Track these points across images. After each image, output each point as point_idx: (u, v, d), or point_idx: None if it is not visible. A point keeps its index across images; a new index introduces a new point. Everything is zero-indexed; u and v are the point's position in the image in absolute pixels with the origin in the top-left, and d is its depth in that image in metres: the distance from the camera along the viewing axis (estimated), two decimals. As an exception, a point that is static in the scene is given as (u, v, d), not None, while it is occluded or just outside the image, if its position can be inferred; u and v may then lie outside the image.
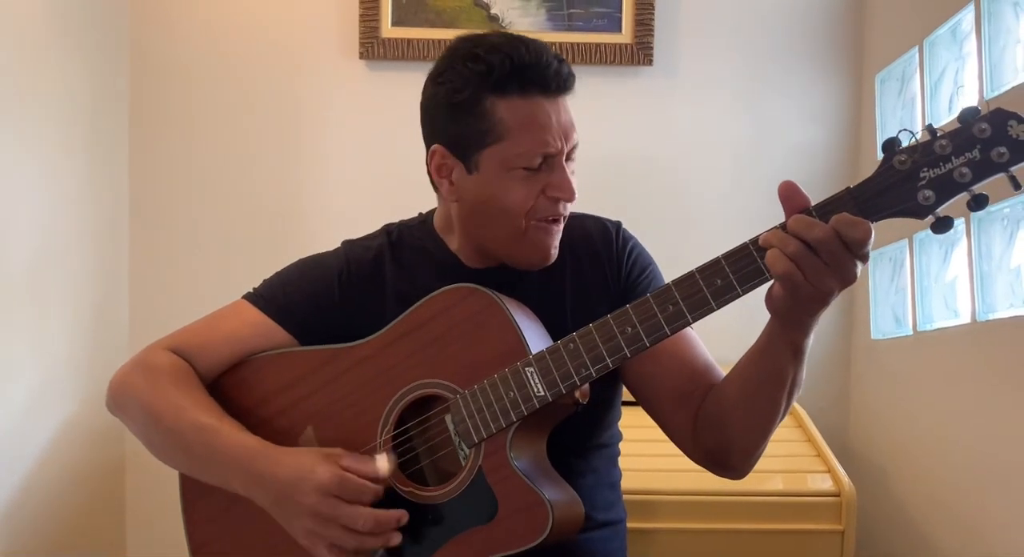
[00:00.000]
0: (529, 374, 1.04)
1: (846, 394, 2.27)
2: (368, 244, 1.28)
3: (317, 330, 1.22)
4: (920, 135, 0.95)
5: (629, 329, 1.01)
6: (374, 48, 2.22)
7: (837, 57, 2.27)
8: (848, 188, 0.95)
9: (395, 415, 1.11)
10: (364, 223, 2.25)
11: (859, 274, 0.93)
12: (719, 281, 0.97)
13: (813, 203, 0.97)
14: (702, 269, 0.98)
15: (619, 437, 1.32)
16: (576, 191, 1.16)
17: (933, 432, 1.87)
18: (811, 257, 0.91)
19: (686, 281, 0.99)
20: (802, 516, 1.66)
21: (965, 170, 0.90)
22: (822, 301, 0.94)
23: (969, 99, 1.77)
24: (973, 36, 1.72)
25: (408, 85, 2.17)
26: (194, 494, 1.23)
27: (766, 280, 0.96)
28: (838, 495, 1.66)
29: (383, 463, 1.06)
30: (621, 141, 2.29)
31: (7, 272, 1.82)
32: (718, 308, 0.98)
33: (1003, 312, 1.65)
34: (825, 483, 1.69)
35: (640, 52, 2.21)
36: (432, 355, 1.11)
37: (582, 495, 1.12)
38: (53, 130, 1.98)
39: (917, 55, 1.95)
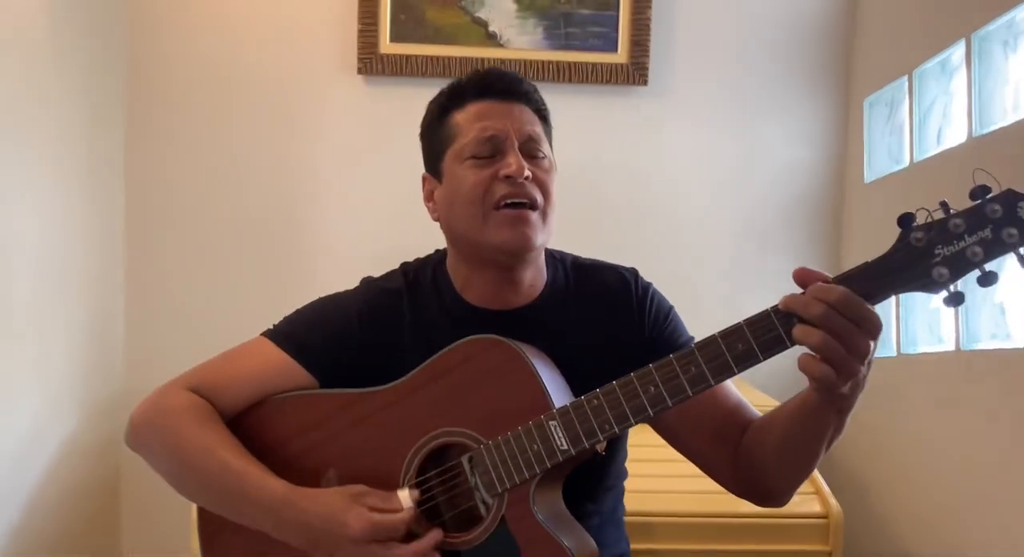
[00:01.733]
0: (553, 428, 1.06)
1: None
2: (386, 286, 1.29)
3: (337, 371, 1.24)
4: (935, 212, 0.99)
5: (652, 389, 1.03)
6: (372, 64, 2.23)
7: (827, 80, 2.33)
8: (867, 263, 0.97)
9: (417, 462, 1.14)
10: (361, 237, 2.29)
11: (872, 348, 0.95)
12: (740, 346, 0.99)
13: (832, 277, 0.98)
14: (724, 334, 1.00)
15: (625, 475, 1.36)
16: (532, 176, 1.17)
17: (916, 452, 1.94)
18: (838, 318, 0.93)
19: (709, 345, 1.01)
20: (791, 537, 1.71)
21: (977, 249, 0.93)
22: (860, 362, 0.95)
23: (958, 134, 1.82)
24: (963, 72, 1.78)
25: (406, 100, 2.20)
26: (214, 530, 1.23)
27: (787, 347, 0.99)
28: (826, 517, 1.71)
29: (406, 496, 1.09)
30: (615, 158, 2.34)
31: (11, 297, 1.83)
32: (739, 372, 1.01)
33: (986, 343, 1.72)
34: (813, 505, 1.74)
35: (635, 72, 2.25)
36: (455, 404, 1.13)
37: (591, 535, 1.16)
38: (51, 154, 1.98)
39: (906, 83, 2.00)
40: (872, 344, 0.96)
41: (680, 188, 2.34)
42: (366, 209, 2.30)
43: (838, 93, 2.33)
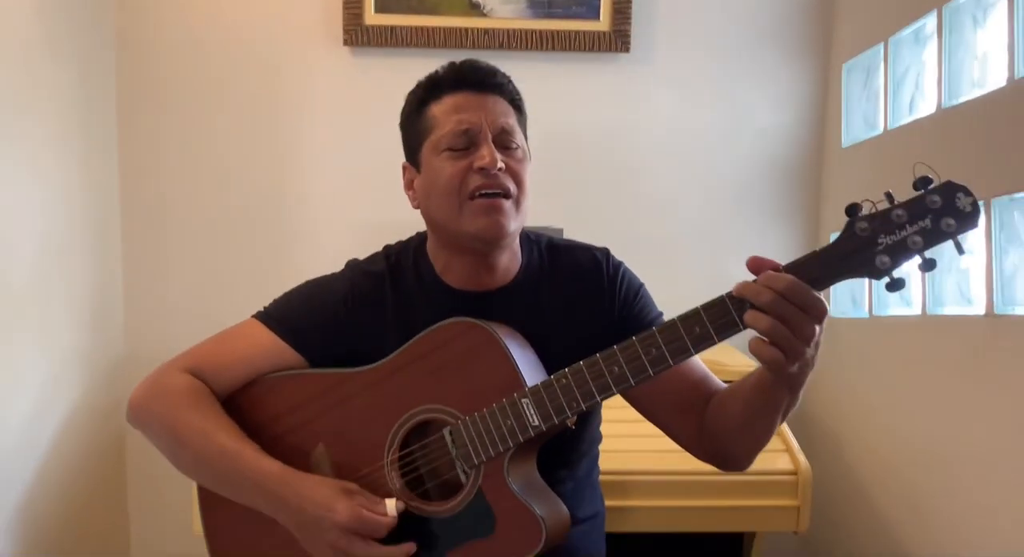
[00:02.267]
0: (525, 405, 1.14)
1: (807, 366, 2.41)
2: (369, 269, 1.35)
3: (325, 351, 1.31)
4: (879, 202, 1.04)
5: (616, 369, 1.10)
6: (358, 35, 2.24)
7: (806, 46, 2.34)
8: (815, 251, 1.04)
9: (400, 436, 1.22)
10: (349, 208, 2.33)
11: (816, 332, 1.02)
12: (698, 329, 1.06)
13: (783, 264, 1.04)
14: (683, 318, 1.07)
15: (599, 440, 1.44)
16: (506, 167, 1.22)
17: (884, 410, 2.01)
18: (786, 304, 0.99)
19: (669, 328, 1.08)
20: (762, 493, 1.77)
21: (917, 238, 1.00)
22: (806, 345, 1.01)
23: (928, 105, 1.86)
24: (935, 42, 1.81)
25: (392, 72, 2.24)
26: (212, 503, 1.31)
27: (740, 330, 1.05)
28: (795, 474, 1.77)
29: (392, 505, 1.16)
30: (598, 125, 2.36)
31: (12, 275, 1.87)
32: (696, 353, 1.08)
33: (950, 308, 1.79)
34: (783, 462, 1.80)
35: (617, 39, 2.27)
36: (435, 383, 1.21)
37: (566, 499, 1.24)
38: (48, 133, 2.00)
39: (883, 50, 2.03)
40: (818, 328, 1.03)
41: (662, 153, 2.36)
42: (353, 179, 2.33)
43: (818, 59, 2.34)
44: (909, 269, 1.04)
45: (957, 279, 1.77)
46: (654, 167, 2.37)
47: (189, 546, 2.25)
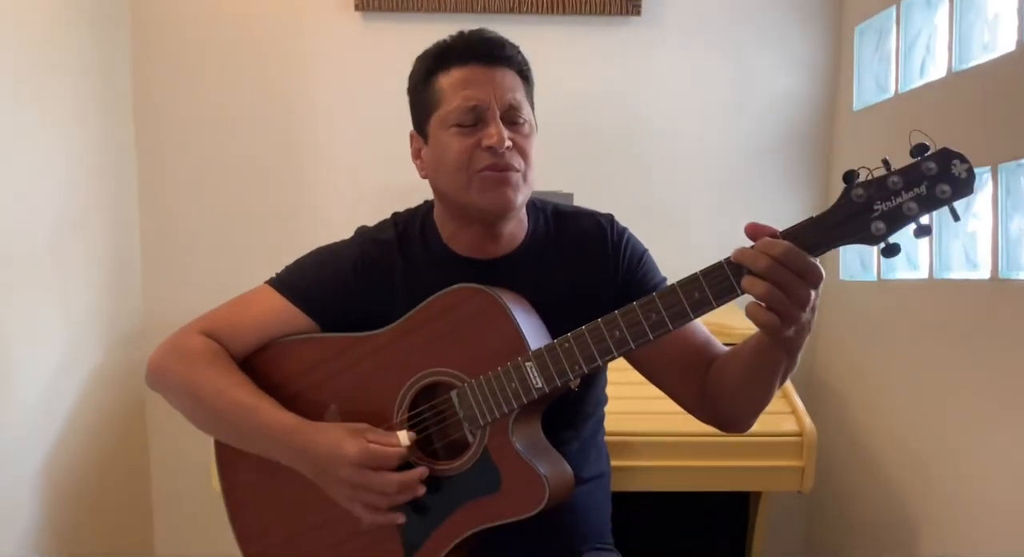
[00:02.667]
0: (528, 368, 1.17)
1: (815, 330, 2.42)
2: (378, 236, 1.38)
3: (335, 316, 1.34)
4: (876, 169, 1.05)
5: (617, 333, 1.13)
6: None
7: (819, 9, 2.32)
8: (811, 217, 1.05)
9: (409, 398, 1.26)
10: (359, 174, 2.36)
11: (812, 297, 1.04)
12: (697, 294, 1.09)
13: (780, 231, 1.06)
14: (683, 283, 1.10)
15: (604, 402, 1.47)
16: (512, 144, 1.24)
17: (890, 373, 2.04)
18: (782, 270, 1.02)
19: (669, 294, 1.10)
20: (767, 454, 1.79)
21: (912, 205, 1.01)
22: (802, 309, 1.04)
23: (939, 69, 1.86)
24: (946, 6, 1.80)
25: (403, 36, 2.25)
26: (230, 459, 1.37)
27: (738, 295, 1.07)
28: (800, 435, 1.79)
29: (404, 436, 1.20)
30: (610, 89, 2.36)
31: (33, 240, 1.91)
32: (695, 317, 1.10)
33: (956, 273, 1.80)
34: (789, 425, 1.82)
35: (628, 2, 2.26)
36: (442, 347, 1.24)
37: (571, 459, 1.28)
38: (66, 105, 2.04)
39: (895, 13, 2.02)
40: (813, 293, 1.05)
41: (674, 116, 2.36)
42: (365, 144, 2.34)
43: (831, 21, 2.33)
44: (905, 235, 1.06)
45: (964, 243, 1.78)
46: (665, 131, 2.37)
47: (209, 502, 2.33)
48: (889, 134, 2.05)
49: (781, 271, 1.02)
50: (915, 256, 1.97)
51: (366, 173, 2.34)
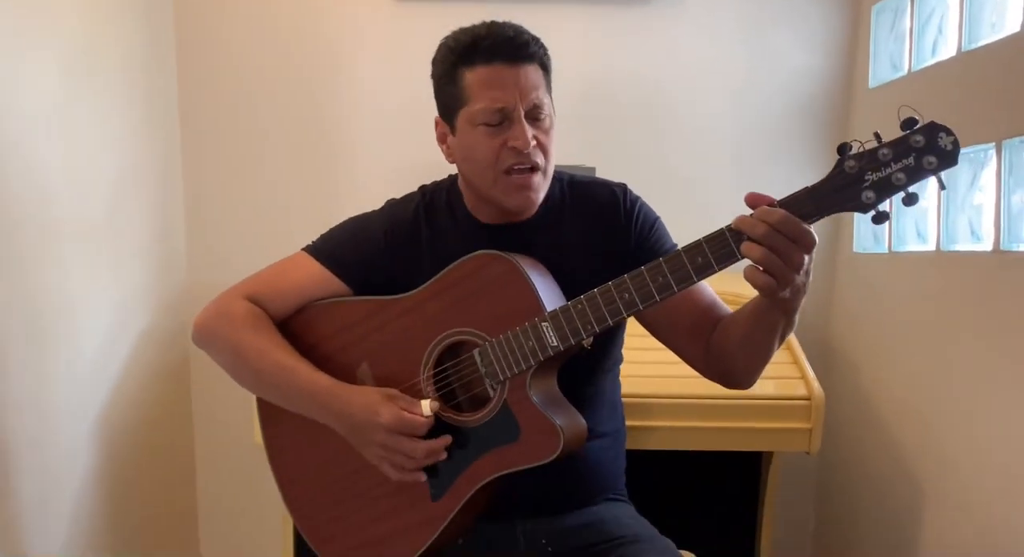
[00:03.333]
0: (544, 328, 1.26)
1: (829, 300, 2.49)
2: (407, 206, 1.48)
3: (367, 280, 1.45)
4: (868, 142, 1.12)
5: (627, 295, 1.21)
6: (404, -16, 2.31)
7: (837, -14, 2.37)
8: (806, 187, 1.13)
9: (435, 356, 1.35)
10: (389, 151, 2.45)
11: (805, 262, 1.12)
12: (700, 259, 1.17)
13: (777, 200, 1.14)
14: (687, 249, 1.18)
15: (620, 360, 1.56)
16: (536, 143, 1.32)
17: (899, 340, 2.10)
18: (778, 236, 1.10)
19: (674, 258, 1.19)
20: (777, 416, 1.86)
21: (901, 175, 1.09)
22: (796, 272, 1.12)
23: (950, 48, 1.91)
24: (957, -15, 1.86)
25: (437, 19, 2.29)
26: (270, 412, 1.48)
27: (738, 259, 1.15)
28: (808, 399, 1.86)
29: (426, 408, 1.30)
30: (628, 69, 2.41)
31: (92, 214, 2.02)
32: (698, 280, 1.18)
33: (962, 245, 1.86)
34: (798, 389, 1.89)
35: (648, -18, 2.32)
36: (465, 308, 1.33)
37: (587, 414, 1.36)
38: (115, 83, 2.13)
39: (910, -8, 2.08)
40: (807, 258, 1.13)
41: (693, 93, 2.41)
42: (396, 121, 2.42)
43: (849, 0, 2.37)
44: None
45: (969, 216, 1.84)
46: (684, 107, 2.43)
47: (247, 454, 2.48)
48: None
49: (777, 237, 1.10)
50: (924, 229, 2.03)
51: (396, 149, 2.41)
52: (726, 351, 1.36)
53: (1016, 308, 1.61)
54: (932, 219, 1.94)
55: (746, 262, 1.15)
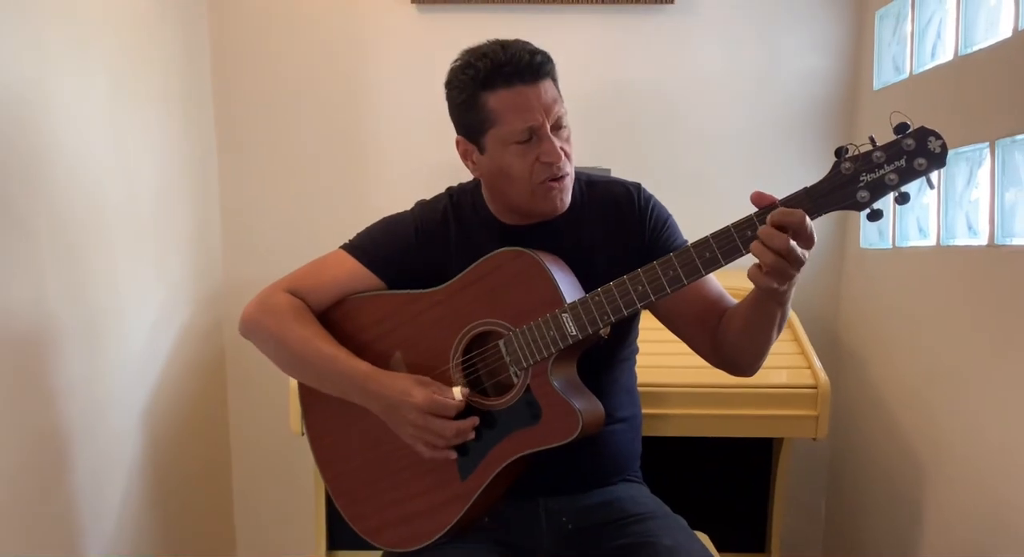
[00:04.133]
0: (564, 319, 1.36)
1: (837, 294, 2.57)
2: (436, 206, 1.58)
3: (400, 275, 1.54)
4: (863, 145, 1.21)
5: (640, 288, 1.31)
6: (424, -7, 2.39)
7: (843, -8, 2.45)
8: (805, 188, 1.23)
9: (463, 345, 1.45)
10: (416, 155, 2.55)
11: (806, 257, 1.21)
12: (707, 254, 1.27)
13: (779, 198, 1.24)
14: (696, 245, 1.28)
15: (636, 351, 1.66)
16: (563, 153, 1.41)
17: (903, 332, 2.18)
18: (778, 262, 1.19)
19: (684, 254, 1.29)
20: (785, 404, 1.95)
21: (893, 176, 1.18)
22: (797, 270, 1.21)
23: (947, 52, 2.00)
24: (955, -10, 1.94)
25: (457, 27, 2.44)
26: (311, 397, 1.58)
27: (743, 254, 1.25)
28: (815, 387, 1.95)
29: (457, 394, 1.40)
30: (645, 73, 2.49)
31: (138, 212, 2.13)
32: (706, 274, 1.29)
33: (960, 240, 1.95)
34: (805, 378, 1.98)
35: (663, -9, 2.41)
36: (490, 301, 1.43)
37: (605, 400, 1.45)
38: (155, 89, 2.23)
39: (911, -1, 2.16)
40: (806, 254, 1.23)
41: (705, 98, 2.49)
42: (421, 125, 2.50)
43: (854, 5, 2.45)
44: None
45: (967, 213, 1.93)
46: (697, 111, 2.50)
47: (280, 444, 2.60)
48: (906, 112, 2.17)
49: (790, 246, 1.19)
50: (925, 225, 2.12)
51: (422, 153, 2.50)
52: (729, 340, 1.45)
53: (1010, 299, 1.69)
54: (932, 215, 2.03)
55: (750, 256, 1.24)
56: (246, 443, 2.73)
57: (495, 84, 1.38)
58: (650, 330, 1.64)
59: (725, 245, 1.27)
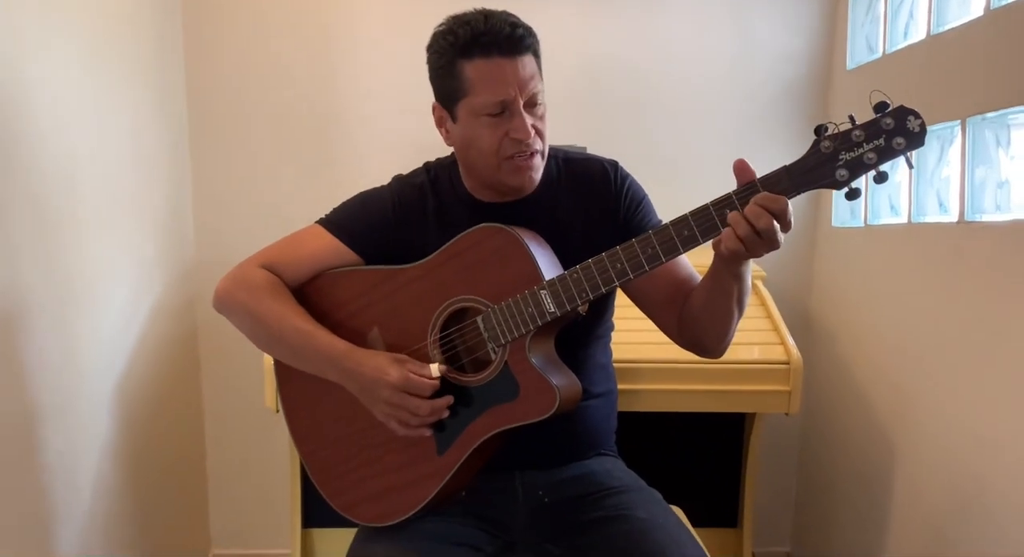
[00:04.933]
0: (543, 296, 1.36)
1: (810, 271, 2.60)
2: (413, 181, 1.57)
3: (377, 251, 1.53)
4: (843, 124, 1.21)
5: (619, 265, 1.31)
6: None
7: (817, -28, 2.45)
8: (785, 166, 1.23)
9: (441, 321, 1.44)
10: (393, 130, 2.53)
11: (783, 240, 1.22)
12: (686, 232, 1.27)
13: (758, 176, 1.24)
14: (674, 222, 1.28)
15: (612, 328, 1.66)
16: (534, 131, 1.41)
17: (873, 308, 2.21)
18: (754, 237, 1.21)
19: (663, 231, 1.29)
20: (758, 379, 1.97)
21: (872, 155, 1.18)
22: (764, 252, 1.23)
23: (919, 31, 2.01)
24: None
25: (427, 3, 2.38)
26: (286, 373, 1.57)
27: (719, 233, 1.25)
28: (787, 363, 1.97)
29: (435, 370, 1.40)
30: (618, 54, 2.49)
31: (111, 192, 2.10)
32: (684, 251, 1.29)
33: (931, 217, 1.98)
34: (777, 353, 2.00)
35: (635, -30, 2.40)
36: (469, 277, 1.42)
37: (582, 376, 1.46)
38: (125, 64, 2.20)
39: (884, -22, 2.17)
40: (783, 238, 1.23)
41: (680, 79, 2.49)
42: (400, 100, 2.49)
43: (827, -16, 2.46)
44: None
45: (938, 190, 1.95)
46: (671, 91, 2.51)
47: (254, 421, 2.59)
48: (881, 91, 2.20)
49: (772, 225, 1.20)
50: (897, 203, 2.14)
51: (396, 131, 2.49)
52: (692, 318, 1.47)
53: (979, 276, 1.72)
54: (904, 193, 2.05)
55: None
56: (220, 421, 2.73)
57: (473, 53, 1.38)
58: (625, 307, 1.65)
59: (704, 223, 1.27)
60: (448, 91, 1.44)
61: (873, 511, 2.14)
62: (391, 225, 1.54)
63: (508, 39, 1.37)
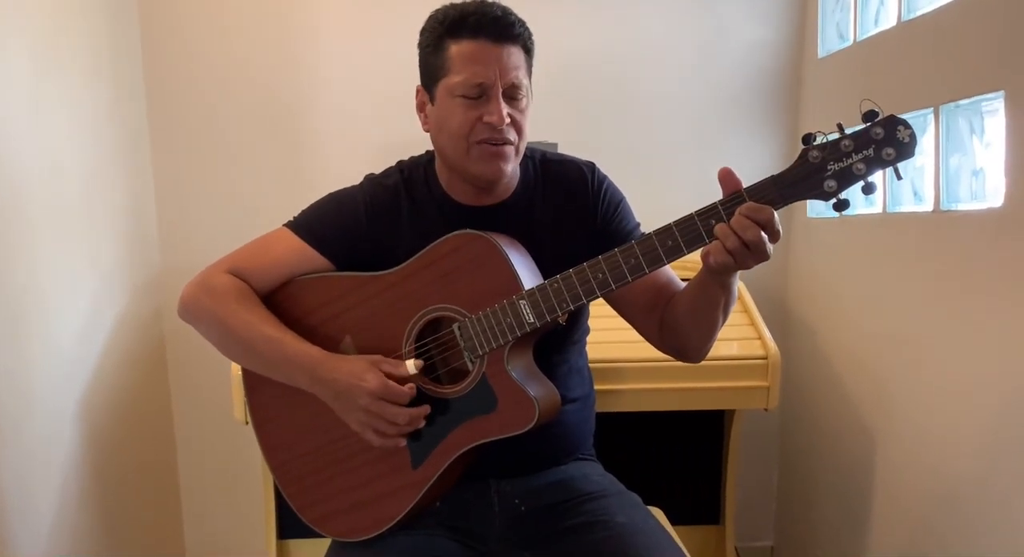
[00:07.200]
0: (522, 305, 1.32)
1: (786, 264, 2.59)
2: (386, 182, 1.52)
3: (348, 255, 1.48)
4: (831, 133, 1.19)
5: (600, 275, 1.28)
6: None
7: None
8: (772, 176, 1.20)
9: (416, 330, 1.40)
10: (362, 130, 2.48)
11: (772, 252, 1.19)
12: (670, 242, 1.24)
13: (745, 185, 1.21)
14: (658, 232, 1.24)
15: (587, 332, 1.63)
16: (510, 119, 1.37)
17: (851, 299, 2.20)
18: (743, 249, 1.18)
19: (646, 241, 1.25)
20: (736, 375, 1.95)
21: (861, 165, 1.16)
22: (752, 263, 1.21)
23: (890, 18, 1.99)
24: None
25: (395, 1, 2.34)
26: (255, 382, 1.52)
27: (706, 243, 1.22)
28: (765, 358, 1.95)
29: (411, 366, 1.36)
30: (588, 46, 2.46)
31: (66, 197, 2.03)
32: (668, 262, 1.25)
33: (906, 207, 1.96)
34: (756, 349, 1.98)
35: (603, -38, 2.36)
36: (445, 285, 1.38)
37: (558, 382, 1.43)
38: (81, 67, 2.13)
39: (854, -35, 2.15)
40: (772, 248, 1.20)
41: (649, 72, 2.46)
42: (368, 98, 2.44)
43: (796, -27, 2.44)
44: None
45: (912, 178, 1.94)
46: (642, 83, 2.48)
47: (226, 432, 2.54)
48: (848, 79, 2.19)
49: (761, 237, 1.17)
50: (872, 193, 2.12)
51: (369, 127, 2.44)
52: (675, 324, 1.44)
53: (955, 264, 1.70)
54: (879, 183, 2.03)
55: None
56: (192, 432, 2.67)
57: (461, 33, 1.36)
58: (601, 305, 1.60)
59: (688, 233, 1.23)
60: (431, 70, 1.41)
61: (855, 502, 2.14)
62: (362, 228, 1.49)
63: (496, 22, 1.35)
